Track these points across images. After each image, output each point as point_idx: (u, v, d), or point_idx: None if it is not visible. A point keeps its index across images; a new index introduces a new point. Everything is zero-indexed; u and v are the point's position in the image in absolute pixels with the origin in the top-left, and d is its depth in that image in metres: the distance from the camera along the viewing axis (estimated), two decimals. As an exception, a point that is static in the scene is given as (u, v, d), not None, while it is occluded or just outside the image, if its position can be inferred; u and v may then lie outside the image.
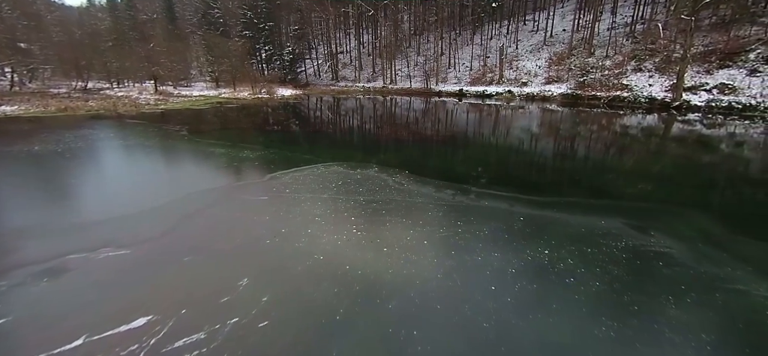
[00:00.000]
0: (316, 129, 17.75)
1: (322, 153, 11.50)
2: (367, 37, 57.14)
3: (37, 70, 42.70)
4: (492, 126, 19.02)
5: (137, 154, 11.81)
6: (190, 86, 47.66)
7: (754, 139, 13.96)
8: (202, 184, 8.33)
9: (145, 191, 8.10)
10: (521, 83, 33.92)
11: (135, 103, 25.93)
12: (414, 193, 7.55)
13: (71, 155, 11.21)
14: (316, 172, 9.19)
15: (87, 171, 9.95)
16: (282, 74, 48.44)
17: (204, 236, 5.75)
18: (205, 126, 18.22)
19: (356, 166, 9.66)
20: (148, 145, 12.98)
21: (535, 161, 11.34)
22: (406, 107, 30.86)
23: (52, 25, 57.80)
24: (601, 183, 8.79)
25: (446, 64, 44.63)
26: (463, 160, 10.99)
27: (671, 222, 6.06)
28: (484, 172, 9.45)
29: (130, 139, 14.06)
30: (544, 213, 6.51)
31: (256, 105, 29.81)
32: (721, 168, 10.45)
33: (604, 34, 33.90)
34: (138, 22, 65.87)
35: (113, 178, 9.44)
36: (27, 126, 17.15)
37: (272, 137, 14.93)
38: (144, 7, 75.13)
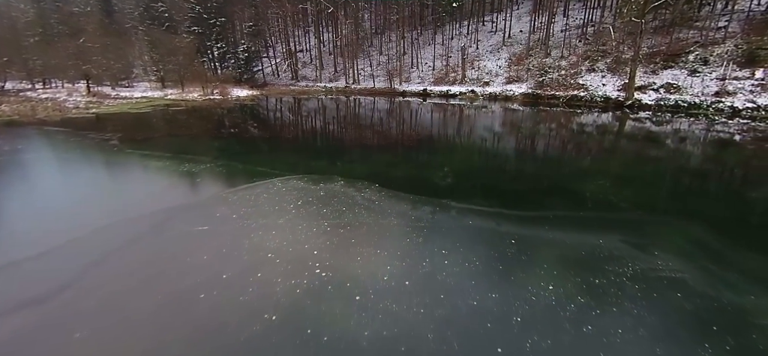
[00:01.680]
0: (273, 134, 16.17)
1: (280, 164, 10.13)
2: (328, 35, 55.34)
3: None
4: (461, 127, 18.54)
5: (44, 174, 9.69)
6: (131, 87, 43.19)
7: (700, 136, 14.57)
8: (126, 211, 6.72)
9: (45, 225, 6.34)
10: (483, 83, 34.21)
11: (60, 107, 22.55)
12: (387, 212, 6.53)
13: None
14: (271, 188, 7.86)
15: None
16: (237, 74, 45.32)
17: (115, 291, 4.32)
18: (143, 133, 15.94)
19: (319, 180, 8.45)
20: (65, 160, 10.82)
21: (510, 166, 10.79)
22: (370, 108, 29.85)
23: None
24: (582, 189, 8.32)
25: (409, 64, 44.20)
26: (437, 167, 10.16)
27: (670, 238, 5.57)
28: (462, 182, 8.67)
29: (41, 152, 11.72)
30: (536, 232, 5.77)
31: (207, 107, 27.27)
32: (692, 168, 10.52)
33: (558, 36, 35.12)
34: (67, 15, 58.87)
35: (2, 208, 7.46)
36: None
37: (222, 145, 13.21)
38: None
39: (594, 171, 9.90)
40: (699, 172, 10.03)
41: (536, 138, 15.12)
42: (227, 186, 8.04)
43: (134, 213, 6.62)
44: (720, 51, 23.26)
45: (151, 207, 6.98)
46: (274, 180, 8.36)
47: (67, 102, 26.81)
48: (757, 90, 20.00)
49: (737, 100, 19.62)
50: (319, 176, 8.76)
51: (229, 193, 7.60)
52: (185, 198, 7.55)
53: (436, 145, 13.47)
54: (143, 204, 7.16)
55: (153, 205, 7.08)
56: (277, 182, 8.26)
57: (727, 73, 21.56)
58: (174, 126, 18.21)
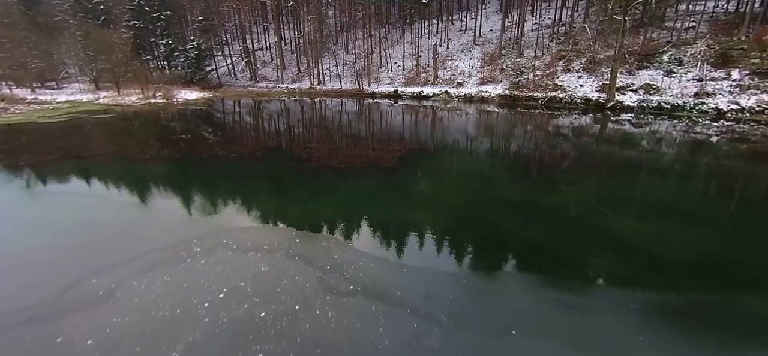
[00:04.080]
0: (212, 153, 13.04)
1: (207, 208, 7.28)
2: (290, 32, 51.61)
3: None
4: (441, 136, 16.33)
5: None
6: (59, 89, 37.39)
7: (717, 146, 13.36)
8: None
9: None
10: (457, 83, 32.52)
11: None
12: (372, 319, 4.00)
13: None
14: (178, 267, 5.05)
15: None
16: (188, 73, 40.71)
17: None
18: (28, 155, 12.26)
19: (260, 239, 5.76)
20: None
21: (521, 198, 8.61)
22: (338, 112, 27.07)
23: None
24: (637, 243, 6.26)
25: (378, 64, 41.79)
26: (424, 201, 7.80)
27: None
28: (469, 230, 6.35)
29: None
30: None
31: (142, 114, 23.25)
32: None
33: (530, 35, 34.21)
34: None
35: None
36: None
37: (127, 173, 10.04)
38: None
39: (635, 206, 7.96)
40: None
41: (530, 151, 13.24)
42: (99, 269, 5.11)
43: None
44: (693, 51, 22.83)
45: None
46: (192, 246, 5.54)
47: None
48: (736, 91, 19.56)
49: (720, 101, 19.01)
50: (261, 227, 6.08)
51: (96, 284, 4.70)
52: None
53: (416, 162, 11.08)
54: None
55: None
56: (195, 250, 5.44)
57: (703, 73, 21.09)
58: (81, 144, 14.50)
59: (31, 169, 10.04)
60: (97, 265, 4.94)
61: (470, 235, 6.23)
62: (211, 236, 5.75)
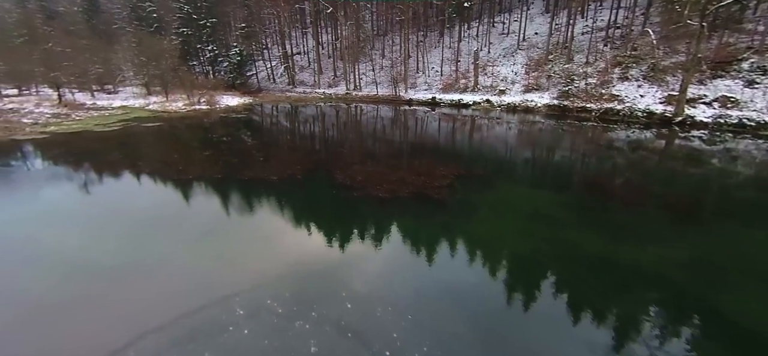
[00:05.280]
0: (253, 172, 12.86)
1: (246, 246, 6.86)
2: (327, 37, 51.95)
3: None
4: (489, 155, 15.21)
5: None
6: (115, 93, 39.94)
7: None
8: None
9: None
10: (499, 91, 30.91)
11: (10, 126, 19.24)
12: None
13: None
14: (224, 345, 4.56)
15: None
16: (229, 78, 42.10)
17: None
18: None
19: (306, 296, 5.17)
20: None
21: (598, 251, 7.50)
22: (375, 121, 26.53)
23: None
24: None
25: (415, 69, 40.89)
26: (489, 251, 6.91)
27: None
28: (538, 299, 5.41)
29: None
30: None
31: (188, 120, 24.01)
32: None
33: (580, 39, 31.83)
34: (52, 15, 55.50)
35: None
36: None
37: (168, 198, 9.96)
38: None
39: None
40: None
41: (596, 177, 11.86)
42: (119, 343, 4.70)
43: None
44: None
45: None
46: (233, 307, 5.03)
47: (29, 115, 23.54)
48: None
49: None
50: (305, 280, 5.48)
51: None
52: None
53: (467, 193, 10.15)
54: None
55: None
56: (237, 313, 4.92)
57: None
58: (126, 157, 14.93)
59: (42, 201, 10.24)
60: (118, 338, 4.55)
61: (541, 307, 5.31)
62: (253, 293, 5.25)
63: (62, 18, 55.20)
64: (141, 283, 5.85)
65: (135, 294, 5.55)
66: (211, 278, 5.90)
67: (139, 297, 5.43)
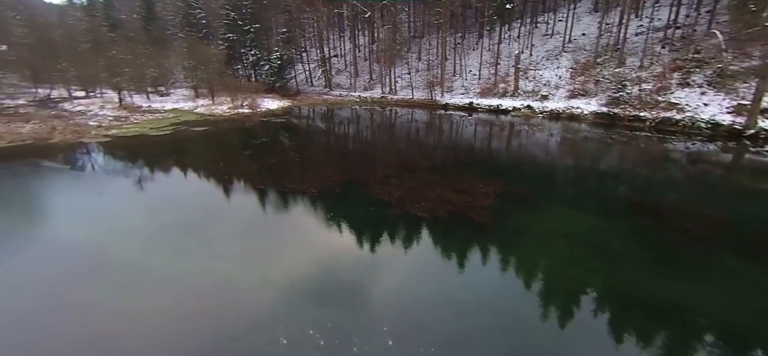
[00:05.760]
0: (292, 184, 13.16)
1: (286, 266, 6.95)
2: (363, 39, 52.40)
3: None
4: (534, 170, 14.51)
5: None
6: (167, 95, 42.80)
7: None
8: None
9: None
10: (541, 96, 29.53)
11: (79, 129, 21.15)
12: None
13: None
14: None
15: None
16: (270, 81, 43.72)
17: None
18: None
19: (349, 328, 5.14)
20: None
21: (665, 296, 6.90)
22: (411, 126, 26.29)
23: (18, 26, 52.48)
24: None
25: (451, 72, 40.13)
26: (538, 287, 6.54)
27: None
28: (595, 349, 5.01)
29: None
30: None
31: (230, 124, 25.16)
32: None
33: (634, 40, 29.61)
34: (116, 23, 60.68)
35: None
36: None
37: (209, 208, 10.38)
38: (122, 7, 69.88)
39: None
40: None
41: (655, 197, 10.90)
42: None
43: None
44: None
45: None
46: (277, 336, 5.09)
47: (96, 117, 25.81)
48: None
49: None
50: (344, 308, 5.44)
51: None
52: None
53: (511, 215, 9.71)
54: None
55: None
56: (280, 342, 4.98)
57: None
58: (174, 166, 15.86)
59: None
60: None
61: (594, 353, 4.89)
62: (296, 321, 5.30)
63: (123, 25, 60.21)
64: (187, 301, 6.12)
65: (180, 310, 5.82)
66: (254, 299, 6.05)
67: (184, 315, 5.69)
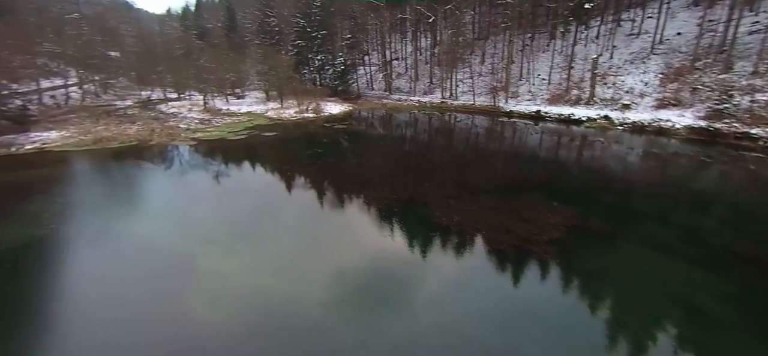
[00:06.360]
0: (353, 196, 13.53)
1: (350, 295, 7.14)
2: (425, 41, 51.90)
3: (108, 83, 44.91)
4: (611, 198, 13.05)
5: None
6: (243, 97, 46.86)
7: None
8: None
9: None
10: (622, 106, 26.55)
11: (172, 132, 24.12)
12: None
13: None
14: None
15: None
16: (333, 85, 45.58)
17: None
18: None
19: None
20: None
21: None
22: (471, 135, 25.40)
23: (129, 36, 61.46)
24: None
25: (517, 76, 37.94)
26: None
27: None
28: None
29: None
30: None
31: (296, 129, 26.67)
32: None
33: (746, 40, 25.14)
34: (204, 31, 68.11)
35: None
36: (31, 173, 15.25)
37: (264, 229, 11.03)
38: (210, 16, 78.16)
39: None
40: None
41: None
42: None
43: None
44: None
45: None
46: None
47: (184, 120, 29.20)
48: None
49: None
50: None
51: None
52: None
53: (582, 257, 8.87)
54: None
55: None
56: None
57: None
58: (250, 165, 17.23)
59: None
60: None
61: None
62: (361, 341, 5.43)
63: (210, 34, 67.29)
64: (260, 317, 6.61)
65: (255, 326, 6.31)
66: (319, 328, 6.31)
67: (258, 331, 6.16)
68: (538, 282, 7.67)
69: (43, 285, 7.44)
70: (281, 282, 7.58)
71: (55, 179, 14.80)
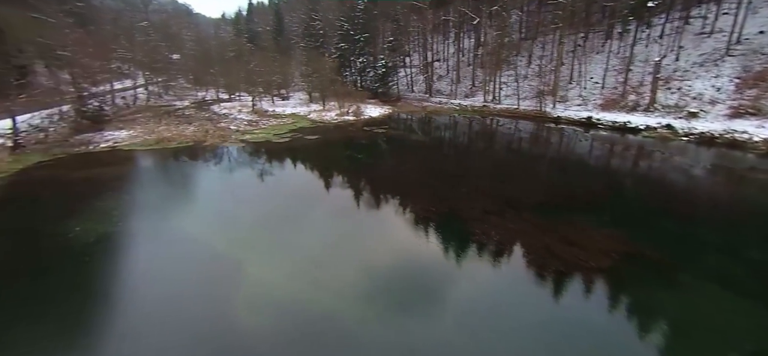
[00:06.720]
0: (390, 210, 13.60)
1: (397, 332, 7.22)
2: (468, 42, 50.64)
3: (170, 84, 49.10)
4: (671, 224, 11.88)
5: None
6: (288, 98, 48.87)
7: None
8: None
9: None
10: (688, 114, 24.12)
11: (223, 133, 25.79)
12: None
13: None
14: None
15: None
16: (373, 87, 46.05)
17: None
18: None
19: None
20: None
21: None
22: (514, 144, 24.43)
23: (188, 40, 66.59)
24: None
25: (567, 79, 35.85)
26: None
27: None
28: None
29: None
30: None
31: (337, 132, 27.28)
32: None
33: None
34: (254, 35, 71.99)
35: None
36: (105, 171, 16.96)
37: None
38: (260, 20, 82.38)
39: None
40: None
41: None
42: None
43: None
44: None
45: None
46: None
47: (234, 121, 31.06)
48: None
49: None
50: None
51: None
52: None
53: (640, 292, 8.20)
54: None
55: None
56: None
57: None
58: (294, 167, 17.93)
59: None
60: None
61: None
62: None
63: (259, 37, 70.93)
64: (302, 329, 6.90)
65: (296, 337, 6.60)
66: (354, 343, 6.46)
67: (302, 343, 6.44)
68: (582, 315, 7.21)
69: (108, 280, 8.36)
70: (318, 293, 7.82)
71: (123, 177, 16.46)
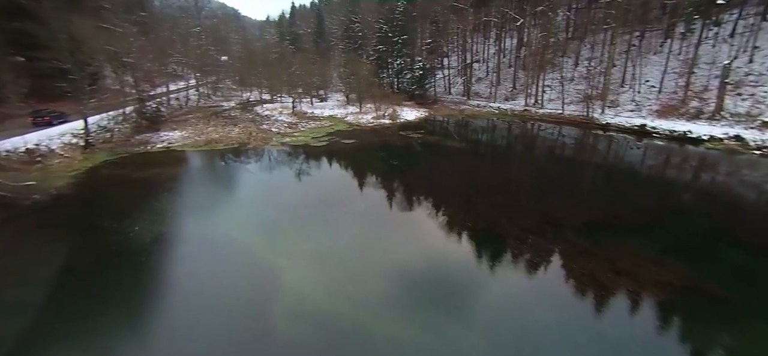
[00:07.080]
0: (420, 231, 13.50)
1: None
2: (510, 41, 48.76)
3: (218, 86, 52.21)
4: (740, 243, 10.79)
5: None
6: (326, 99, 50.07)
7: None
8: None
9: None
10: (761, 124, 21.61)
11: (265, 136, 26.98)
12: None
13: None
14: None
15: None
16: (410, 89, 45.88)
17: None
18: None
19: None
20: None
21: None
22: (558, 154, 23.09)
23: (235, 43, 70.36)
24: None
25: (619, 82, 33.46)
26: None
27: None
28: None
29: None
30: None
31: (373, 136, 27.39)
32: None
33: None
34: (296, 37, 74.56)
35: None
36: (160, 172, 18.30)
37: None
38: (302, 23, 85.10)
39: None
40: None
41: None
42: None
43: None
44: None
45: None
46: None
47: (275, 123, 32.36)
48: None
49: None
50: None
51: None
52: None
53: (686, 319, 7.51)
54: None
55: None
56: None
57: None
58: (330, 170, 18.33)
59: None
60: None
61: None
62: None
63: (301, 39, 73.32)
64: (341, 347, 7.09)
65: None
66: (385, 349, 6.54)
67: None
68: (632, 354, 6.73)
69: (161, 280, 9.11)
70: (353, 309, 7.97)
71: (176, 178, 17.78)
